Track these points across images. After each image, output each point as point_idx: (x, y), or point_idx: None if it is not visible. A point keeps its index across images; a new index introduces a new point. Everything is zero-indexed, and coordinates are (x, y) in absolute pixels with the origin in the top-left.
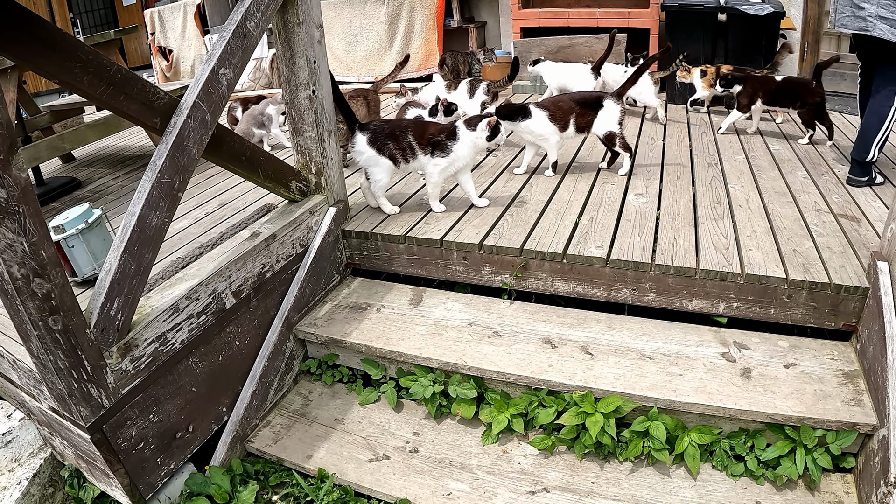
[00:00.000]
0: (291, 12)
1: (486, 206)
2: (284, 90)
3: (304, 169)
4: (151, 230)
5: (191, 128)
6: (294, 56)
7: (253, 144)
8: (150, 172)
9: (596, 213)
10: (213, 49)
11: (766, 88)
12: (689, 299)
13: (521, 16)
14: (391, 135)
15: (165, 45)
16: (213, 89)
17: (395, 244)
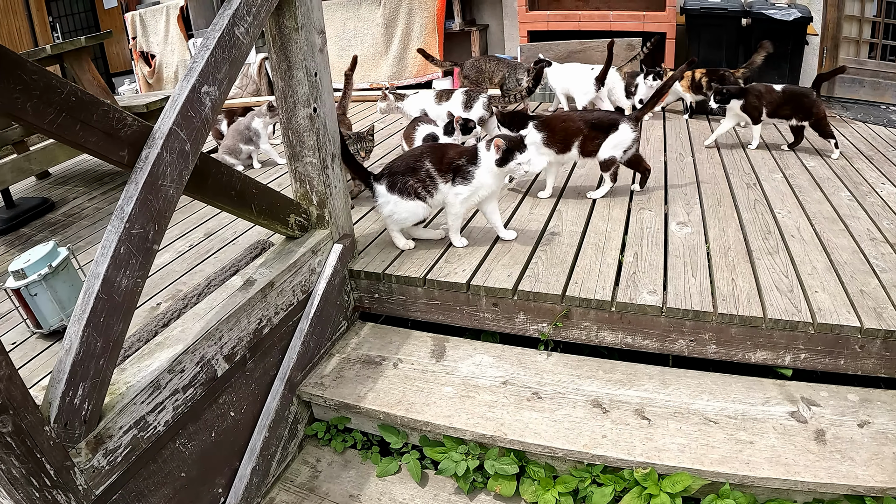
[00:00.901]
0: (288, 15)
1: (513, 240)
2: (280, 107)
3: (303, 200)
4: (121, 295)
5: (166, 162)
6: (291, 68)
7: (244, 176)
8: (117, 222)
9: (639, 247)
10: (193, 62)
11: (767, 98)
12: (752, 351)
13: (529, 18)
14: (408, 169)
15: (147, 49)
16: (194, 112)
17: (412, 287)
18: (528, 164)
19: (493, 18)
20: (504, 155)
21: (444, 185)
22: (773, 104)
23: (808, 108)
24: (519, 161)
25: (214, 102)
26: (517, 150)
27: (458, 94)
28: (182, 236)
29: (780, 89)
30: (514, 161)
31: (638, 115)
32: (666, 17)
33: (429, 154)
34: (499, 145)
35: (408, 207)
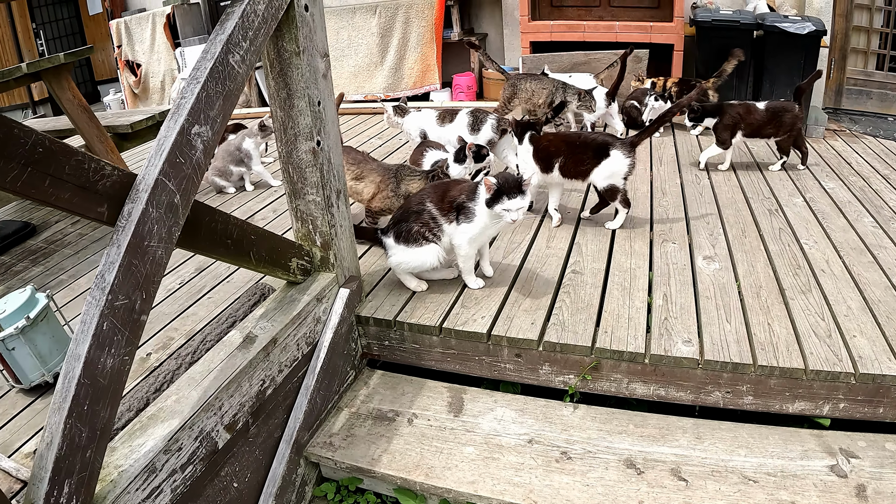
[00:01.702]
0: (288, 38)
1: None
2: (278, 140)
3: (306, 241)
4: (106, 377)
5: (153, 219)
6: (292, 96)
7: (241, 221)
8: (98, 293)
9: (668, 287)
10: (181, 98)
11: (747, 119)
12: (790, 401)
13: (531, 28)
14: (410, 214)
15: (133, 58)
16: (184, 157)
17: (426, 336)
18: (515, 213)
19: (493, 27)
20: (492, 196)
21: (447, 226)
22: (754, 125)
23: (791, 123)
24: (505, 206)
25: (207, 144)
26: (506, 195)
27: (463, 114)
28: (171, 271)
29: (762, 108)
30: (500, 205)
31: (634, 141)
32: (674, 28)
33: (430, 194)
34: (488, 185)
35: (417, 255)
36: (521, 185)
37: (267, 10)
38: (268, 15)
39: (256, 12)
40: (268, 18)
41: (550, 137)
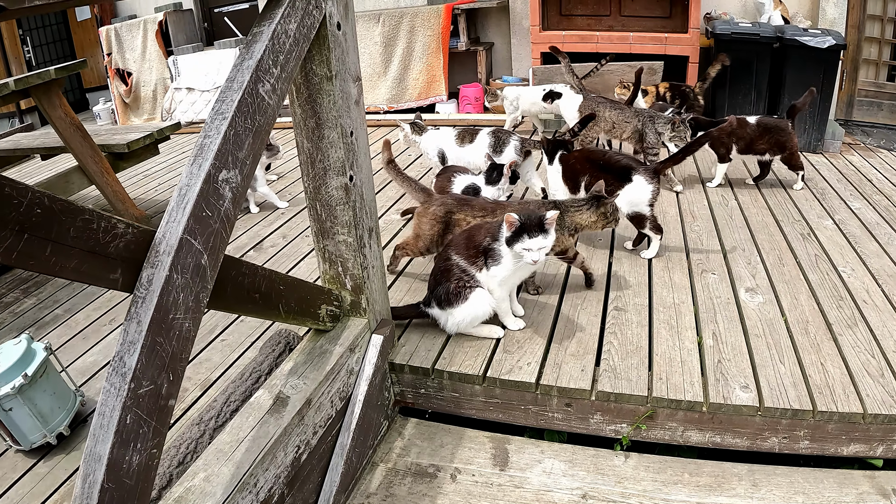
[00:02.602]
0: (318, 60)
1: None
2: (304, 174)
3: (334, 283)
4: (133, 476)
5: (178, 286)
6: (321, 126)
7: (268, 272)
8: (118, 380)
9: (715, 324)
10: (205, 136)
11: (738, 132)
12: (846, 444)
13: (542, 39)
14: (442, 274)
15: (124, 67)
16: (211, 209)
17: (468, 385)
18: (535, 253)
19: (499, 37)
20: (513, 234)
21: (479, 274)
22: (747, 139)
23: (784, 141)
24: (526, 245)
25: (237, 192)
26: (527, 233)
27: (484, 135)
28: None
29: (754, 122)
30: (520, 244)
31: (658, 168)
32: (689, 39)
33: (454, 246)
34: (510, 222)
35: (468, 310)
36: (544, 224)
37: (299, 30)
38: (300, 35)
39: (288, 32)
40: (300, 39)
41: (576, 155)
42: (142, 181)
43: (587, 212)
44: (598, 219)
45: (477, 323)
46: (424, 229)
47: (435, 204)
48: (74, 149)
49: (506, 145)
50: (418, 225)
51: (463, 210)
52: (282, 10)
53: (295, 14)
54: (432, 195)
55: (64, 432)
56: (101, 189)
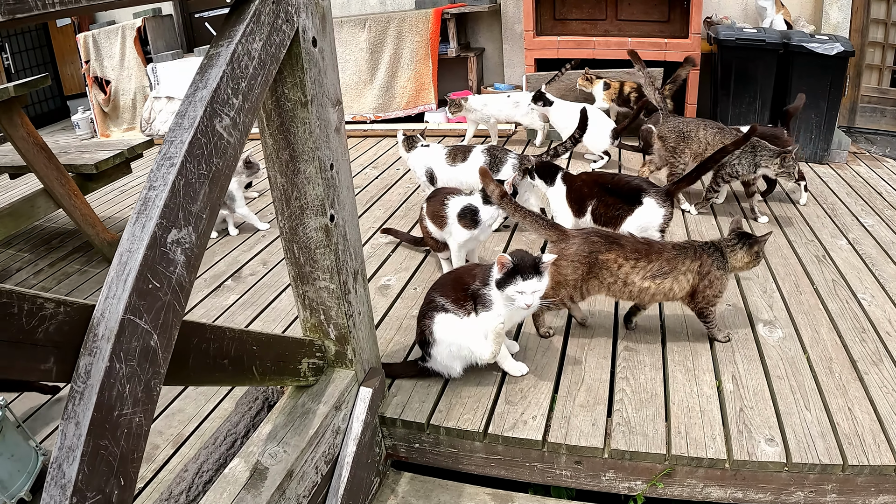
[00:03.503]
0: (291, 83)
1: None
2: (279, 213)
3: (316, 333)
4: None
5: (124, 377)
6: (296, 159)
7: (238, 332)
8: (56, 491)
9: (734, 365)
10: (147, 189)
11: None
12: (874, 496)
13: (536, 45)
14: (425, 322)
15: (102, 75)
16: (159, 279)
17: (467, 441)
18: (529, 296)
19: (491, 42)
20: (505, 276)
21: (467, 319)
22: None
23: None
24: (519, 288)
25: (191, 253)
26: (520, 275)
27: (478, 152)
28: None
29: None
30: (512, 286)
31: (670, 189)
32: (690, 45)
33: (438, 288)
34: (502, 263)
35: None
36: (539, 266)
37: (265, 50)
38: (266, 56)
39: (251, 53)
40: (266, 61)
41: (584, 177)
42: (116, 198)
43: (740, 251)
44: (750, 259)
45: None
46: (566, 274)
47: (575, 243)
48: (39, 171)
49: (502, 163)
50: (557, 271)
51: (612, 249)
52: (243, 26)
53: (260, 30)
54: (567, 232)
55: (25, 497)
56: (69, 213)
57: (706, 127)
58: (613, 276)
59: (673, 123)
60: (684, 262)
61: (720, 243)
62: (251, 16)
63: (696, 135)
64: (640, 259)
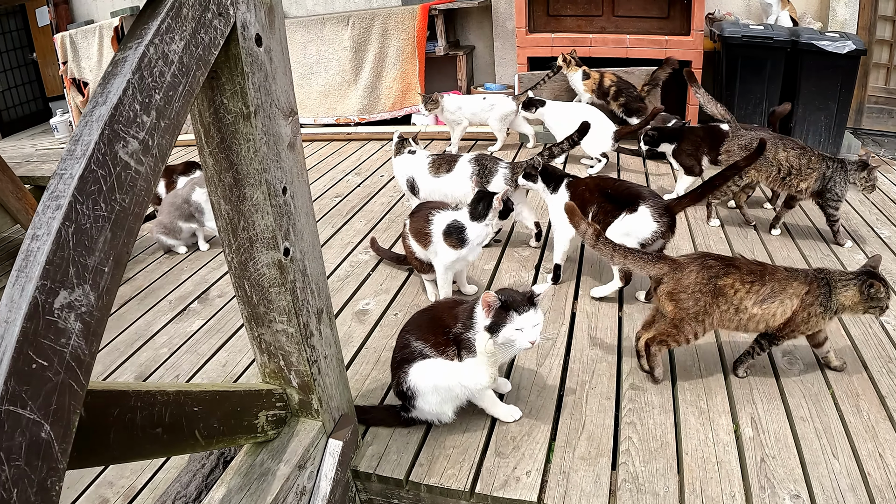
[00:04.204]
0: (230, 91)
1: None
2: (226, 245)
3: (276, 379)
4: None
5: (7, 480)
6: (241, 183)
7: (174, 393)
8: None
9: (752, 405)
10: (29, 240)
11: (710, 147)
12: None
13: (529, 42)
14: (401, 366)
15: (80, 76)
16: (47, 357)
17: (452, 499)
18: (532, 332)
19: (481, 40)
20: (496, 317)
21: (451, 364)
22: (719, 151)
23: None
24: (517, 325)
25: (90, 318)
26: (514, 310)
27: (465, 162)
28: None
29: (727, 131)
30: (509, 326)
31: (671, 205)
32: (692, 42)
33: (413, 331)
34: (487, 303)
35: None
36: (533, 298)
37: (188, 52)
38: (190, 60)
39: (168, 56)
40: (190, 66)
41: (587, 182)
42: None
43: (852, 289)
44: (860, 302)
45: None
46: (688, 308)
47: (693, 271)
48: None
49: (493, 174)
50: (677, 306)
51: (730, 273)
52: (157, 22)
53: (181, 27)
54: (679, 262)
55: None
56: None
57: (786, 147)
58: (728, 303)
59: (745, 139)
60: (793, 284)
61: (832, 276)
62: (168, 9)
63: (773, 156)
64: (755, 282)
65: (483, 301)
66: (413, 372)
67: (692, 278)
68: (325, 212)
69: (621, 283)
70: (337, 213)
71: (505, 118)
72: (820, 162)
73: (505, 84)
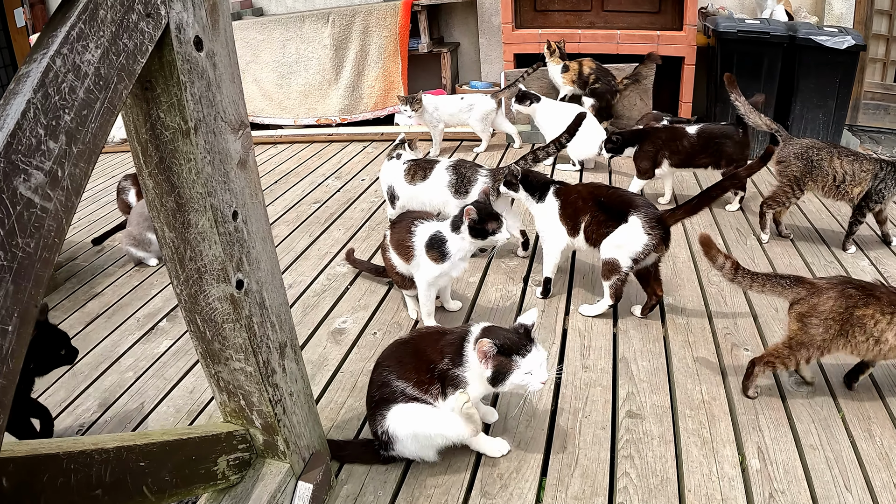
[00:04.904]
0: (166, 105)
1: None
2: (173, 276)
3: (238, 419)
4: None
5: None
6: (184, 207)
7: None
8: None
9: (759, 433)
10: None
11: (672, 146)
12: None
13: (516, 38)
14: (377, 404)
15: None
16: None
17: None
18: (541, 372)
19: (466, 36)
20: (496, 367)
21: (435, 404)
22: (682, 153)
23: (731, 153)
24: (526, 369)
25: None
26: (516, 354)
27: (442, 169)
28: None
29: (694, 132)
30: (518, 372)
31: (665, 216)
32: (684, 38)
33: (391, 369)
34: (484, 352)
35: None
36: (529, 333)
37: (107, 62)
38: (110, 71)
39: (80, 69)
40: (111, 78)
41: (579, 189)
42: None
43: None
44: None
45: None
46: (814, 334)
47: (831, 298)
48: None
49: (471, 183)
50: (802, 329)
51: (870, 303)
52: (66, 29)
53: (97, 32)
54: (818, 285)
55: None
56: None
57: (840, 155)
58: (866, 335)
59: (798, 148)
60: None
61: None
62: (80, 11)
63: (828, 165)
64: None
65: (479, 352)
66: (391, 417)
67: (828, 305)
68: (302, 219)
69: (612, 300)
70: (315, 221)
71: (486, 118)
72: (873, 164)
73: (491, 82)
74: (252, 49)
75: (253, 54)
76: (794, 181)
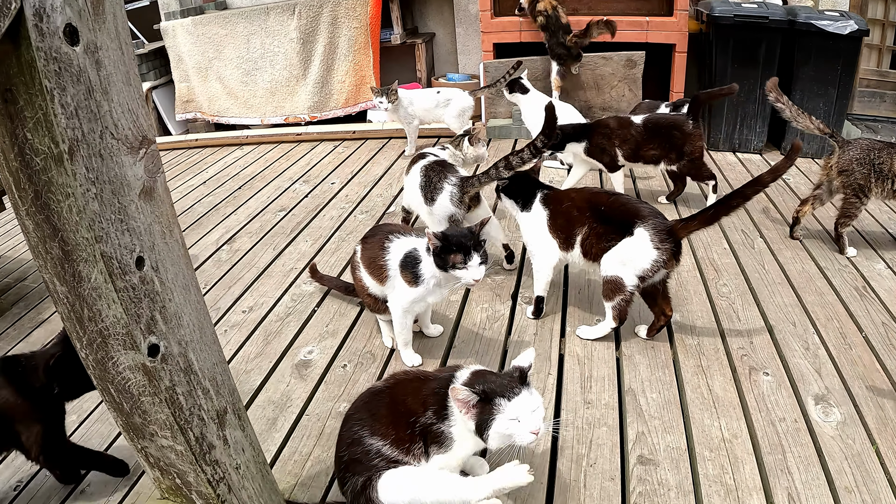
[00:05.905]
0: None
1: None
2: (74, 337)
3: (176, 497)
4: None
5: None
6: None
7: None
8: None
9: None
10: None
11: (620, 135)
12: None
13: (495, 27)
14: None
15: None
16: None
17: None
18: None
19: (442, 26)
20: (479, 414)
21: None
22: (632, 143)
23: (681, 144)
24: (513, 416)
25: None
26: (501, 398)
27: (418, 169)
28: None
29: (639, 122)
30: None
31: (676, 228)
32: (675, 24)
33: (364, 424)
34: (462, 401)
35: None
36: (524, 376)
37: None
38: None
39: None
40: None
41: (573, 196)
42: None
43: None
44: None
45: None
46: None
47: None
48: None
49: (438, 191)
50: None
51: None
52: None
53: None
54: None
55: None
56: None
57: None
58: None
59: (858, 152)
60: None
61: None
62: None
63: (888, 168)
64: None
65: (456, 398)
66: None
67: None
68: (267, 230)
69: (615, 323)
70: (280, 232)
71: (463, 114)
72: None
73: (469, 74)
74: (214, 45)
75: (216, 51)
76: (860, 190)
